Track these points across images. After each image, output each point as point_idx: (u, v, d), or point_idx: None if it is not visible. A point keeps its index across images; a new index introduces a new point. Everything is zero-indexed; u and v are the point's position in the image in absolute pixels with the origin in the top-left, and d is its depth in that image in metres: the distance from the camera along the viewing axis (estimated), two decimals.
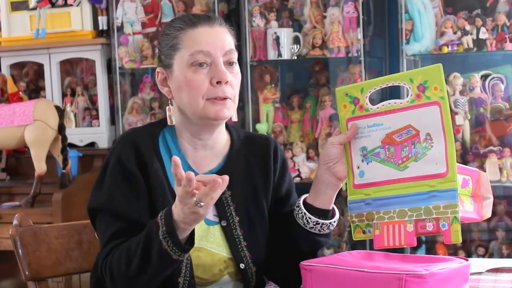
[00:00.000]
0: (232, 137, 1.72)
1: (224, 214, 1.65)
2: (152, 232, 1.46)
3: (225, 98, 1.59)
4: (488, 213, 1.49)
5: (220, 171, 1.65)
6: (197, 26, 1.61)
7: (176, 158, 1.38)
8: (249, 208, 1.67)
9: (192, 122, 1.63)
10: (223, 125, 1.69)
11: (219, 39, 1.61)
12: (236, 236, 1.64)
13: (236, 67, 1.64)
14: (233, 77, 1.62)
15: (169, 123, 1.66)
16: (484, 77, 3.36)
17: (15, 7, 4.05)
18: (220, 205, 1.65)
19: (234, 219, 1.65)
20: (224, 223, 1.64)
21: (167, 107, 1.66)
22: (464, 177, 1.45)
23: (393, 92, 3.13)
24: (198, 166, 1.66)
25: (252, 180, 1.70)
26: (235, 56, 1.64)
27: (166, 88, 1.66)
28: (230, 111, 1.62)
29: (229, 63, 1.62)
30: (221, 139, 1.70)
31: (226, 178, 1.39)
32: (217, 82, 1.58)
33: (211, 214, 1.65)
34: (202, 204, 1.39)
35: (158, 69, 1.67)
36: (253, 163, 1.71)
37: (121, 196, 1.57)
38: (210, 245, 1.63)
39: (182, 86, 1.60)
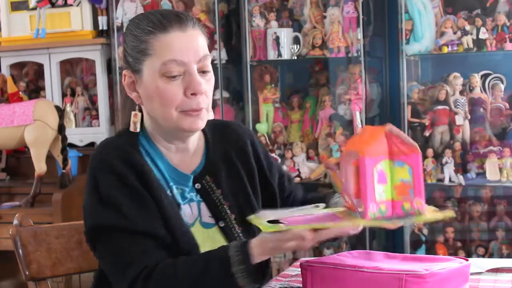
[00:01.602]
0: (203, 130, 1.65)
1: (220, 214, 1.62)
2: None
3: (199, 109, 1.53)
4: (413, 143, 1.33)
5: (203, 170, 1.63)
6: (168, 30, 1.50)
7: (308, 235, 1.35)
8: (240, 203, 1.64)
9: (164, 129, 1.57)
10: None
11: (192, 45, 1.52)
12: (236, 235, 1.61)
13: (210, 74, 1.56)
14: (207, 85, 1.54)
15: (132, 129, 1.57)
16: (484, 77, 3.36)
17: (15, 7, 4.05)
18: (213, 206, 1.62)
19: (230, 218, 1.62)
20: (222, 224, 1.61)
21: (133, 112, 1.57)
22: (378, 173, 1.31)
23: None
24: (182, 168, 1.61)
25: (235, 172, 1.66)
26: (209, 63, 1.55)
27: (135, 93, 1.56)
28: (204, 121, 1.55)
29: (203, 71, 1.53)
30: (194, 137, 1.63)
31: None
32: (192, 94, 1.51)
33: (206, 216, 1.61)
34: None
35: (125, 72, 1.56)
36: (231, 153, 1.67)
37: (135, 212, 1.48)
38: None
39: (153, 96, 1.52)
